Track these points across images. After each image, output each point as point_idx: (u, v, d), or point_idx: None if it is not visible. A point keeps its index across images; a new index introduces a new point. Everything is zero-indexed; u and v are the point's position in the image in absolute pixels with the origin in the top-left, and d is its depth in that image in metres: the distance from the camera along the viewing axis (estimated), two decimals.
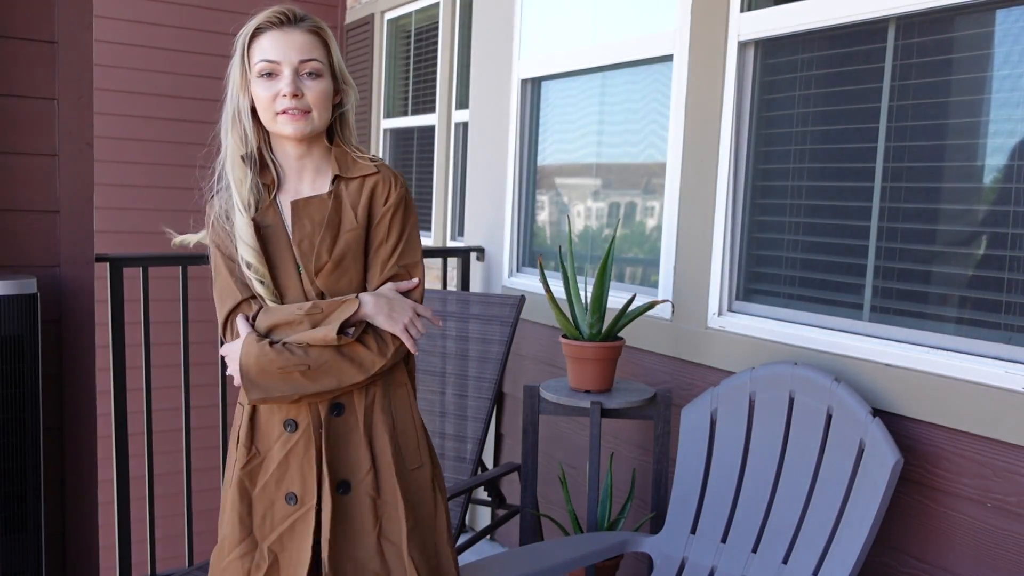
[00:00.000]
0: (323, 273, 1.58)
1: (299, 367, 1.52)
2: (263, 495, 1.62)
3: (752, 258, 2.49)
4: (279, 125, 1.56)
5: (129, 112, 5.07)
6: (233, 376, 1.58)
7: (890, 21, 2.08)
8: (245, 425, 1.63)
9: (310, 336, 1.53)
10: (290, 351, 1.53)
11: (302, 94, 1.54)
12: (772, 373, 2.16)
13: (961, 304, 1.97)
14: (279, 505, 1.61)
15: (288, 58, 1.54)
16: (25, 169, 2.27)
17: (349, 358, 1.55)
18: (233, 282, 1.59)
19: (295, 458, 1.59)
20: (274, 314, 1.56)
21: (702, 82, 2.53)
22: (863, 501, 1.88)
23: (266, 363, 1.52)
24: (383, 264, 1.62)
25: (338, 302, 1.56)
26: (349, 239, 1.59)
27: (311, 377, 1.53)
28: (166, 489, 3.21)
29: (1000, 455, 1.81)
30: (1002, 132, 1.88)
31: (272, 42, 1.55)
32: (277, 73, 1.55)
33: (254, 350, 1.53)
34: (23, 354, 2.15)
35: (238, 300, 1.58)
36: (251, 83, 1.57)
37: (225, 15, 5.59)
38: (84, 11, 2.32)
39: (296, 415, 1.59)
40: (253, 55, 1.57)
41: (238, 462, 1.63)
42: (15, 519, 2.17)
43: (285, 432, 1.60)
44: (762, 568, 2.02)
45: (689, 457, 2.26)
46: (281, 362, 1.52)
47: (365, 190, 1.61)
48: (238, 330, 1.57)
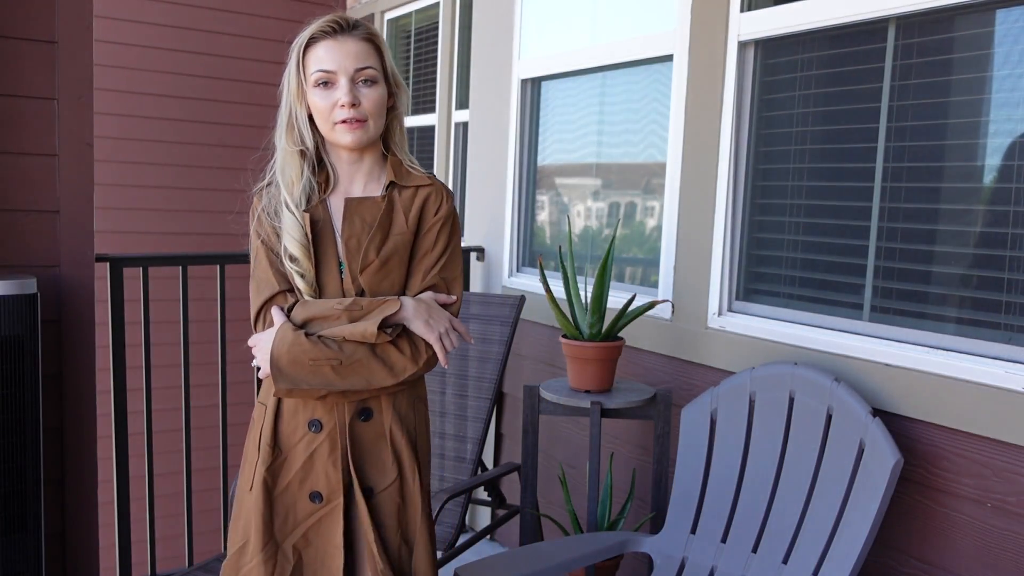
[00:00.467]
0: (368, 271, 1.60)
1: (331, 361, 1.53)
2: (285, 495, 1.62)
3: (752, 258, 2.49)
4: (337, 134, 1.59)
5: (129, 112, 5.07)
6: (260, 366, 1.58)
7: (890, 21, 2.08)
8: (269, 424, 1.62)
9: (349, 330, 1.54)
10: (324, 343, 1.53)
11: (359, 103, 1.56)
12: (772, 373, 2.16)
13: (961, 304, 1.97)
14: (302, 504, 1.61)
15: (344, 67, 1.56)
16: (25, 169, 2.27)
17: (381, 359, 1.56)
18: (272, 274, 1.60)
19: (319, 459, 1.60)
20: (312, 307, 1.57)
21: (702, 82, 2.53)
22: (863, 501, 1.88)
23: (298, 353, 1.52)
24: (426, 272, 1.64)
25: (379, 301, 1.57)
26: (398, 242, 1.62)
27: (341, 373, 1.54)
28: (166, 489, 3.21)
29: (1000, 455, 1.81)
30: (1002, 132, 1.88)
31: (327, 51, 1.56)
32: (333, 82, 1.56)
33: (288, 338, 1.53)
34: (23, 354, 2.15)
35: (275, 291, 1.59)
36: (307, 92, 1.59)
37: (225, 15, 5.63)
38: (84, 11, 2.32)
39: (322, 415, 1.60)
40: (308, 65, 1.58)
41: (261, 462, 1.62)
42: (15, 519, 2.17)
43: (309, 432, 1.60)
44: (762, 568, 2.02)
45: (689, 457, 2.26)
46: (314, 353, 1.52)
47: (417, 199, 1.64)
48: (272, 320, 1.58)
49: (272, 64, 5.55)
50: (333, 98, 1.56)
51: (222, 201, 5.38)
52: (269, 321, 1.58)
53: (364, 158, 1.65)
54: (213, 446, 2.99)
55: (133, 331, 2.62)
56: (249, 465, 1.65)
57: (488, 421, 2.95)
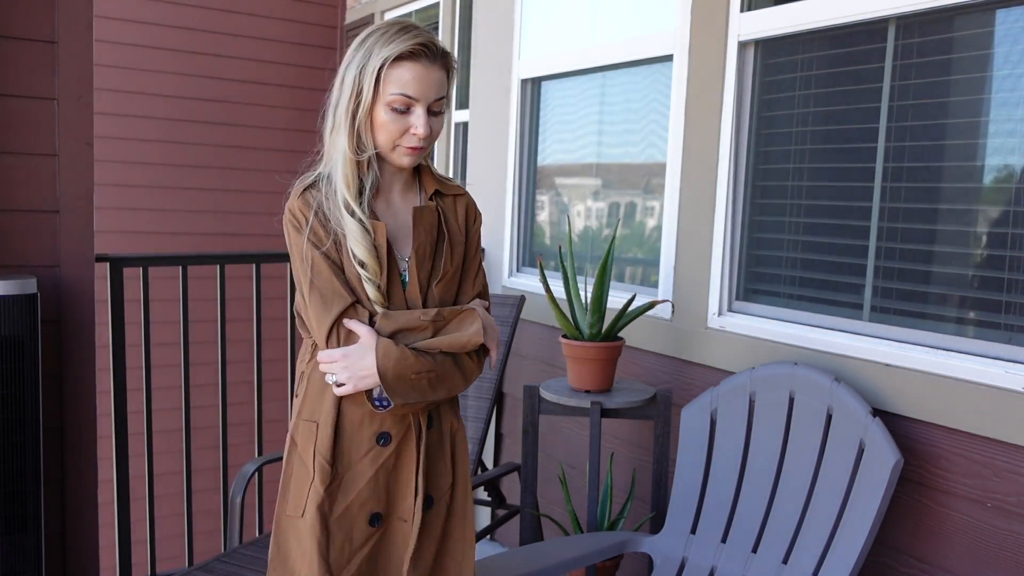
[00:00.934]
0: (444, 281, 1.58)
1: (429, 374, 1.50)
2: (343, 519, 1.52)
3: (752, 258, 2.49)
4: (396, 155, 1.54)
5: (129, 112, 5.07)
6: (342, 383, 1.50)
7: (890, 21, 2.08)
8: (327, 441, 1.52)
9: (447, 341, 1.52)
10: (425, 356, 1.50)
11: (430, 133, 1.53)
12: (772, 373, 2.16)
13: (961, 304, 1.97)
14: (359, 529, 1.53)
15: (426, 96, 1.50)
16: (25, 169, 2.27)
17: (460, 368, 1.55)
18: (339, 284, 1.50)
19: (384, 474, 1.53)
20: (398, 318, 1.51)
21: (702, 82, 2.53)
22: (863, 501, 1.87)
23: (404, 368, 1.47)
24: (472, 280, 1.64)
25: (457, 310, 1.56)
26: (460, 251, 1.62)
27: (433, 385, 1.51)
28: (166, 489, 3.21)
29: (1000, 455, 1.81)
30: (1002, 132, 1.88)
31: (414, 76, 1.49)
32: (410, 108, 1.50)
33: (393, 353, 1.47)
34: (23, 354, 2.15)
35: (347, 303, 1.50)
36: (378, 106, 1.51)
37: (226, 15, 5.62)
38: (84, 11, 2.32)
39: (391, 427, 1.54)
40: (389, 82, 1.49)
41: (318, 483, 1.51)
42: (15, 519, 2.17)
43: (376, 446, 1.53)
44: (762, 568, 2.02)
45: (689, 457, 2.26)
46: (417, 366, 1.48)
47: (459, 207, 1.64)
48: (354, 333, 1.49)
49: (272, 64, 5.58)
50: (406, 123, 1.50)
51: (222, 201, 5.39)
52: (345, 336, 1.49)
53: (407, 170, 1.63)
54: (213, 446, 3.00)
55: (133, 331, 2.63)
56: (297, 489, 1.54)
57: (488, 421, 2.95)
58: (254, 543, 2.33)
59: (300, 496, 1.53)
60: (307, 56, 5.61)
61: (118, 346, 2.63)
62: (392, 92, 1.49)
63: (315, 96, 5.83)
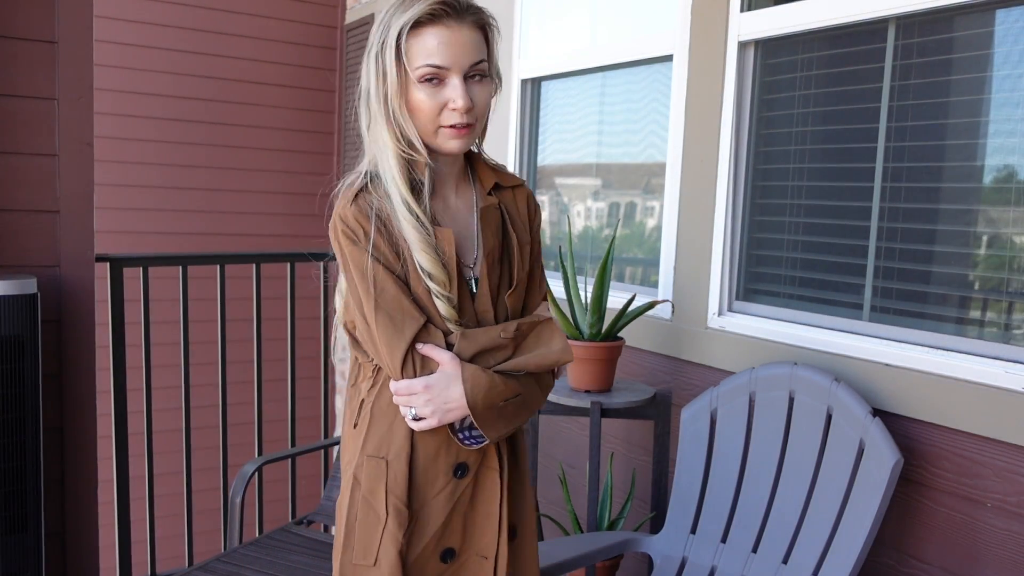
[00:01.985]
0: (517, 290, 1.40)
1: (518, 398, 1.33)
2: (419, 562, 1.37)
3: (752, 258, 2.49)
4: (440, 139, 1.34)
5: (129, 112, 5.07)
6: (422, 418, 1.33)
7: (890, 21, 2.08)
8: (400, 480, 1.35)
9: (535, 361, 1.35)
10: (512, 380, 1.33)
11: (472, 105, 1.31)
12: (772, 373, 2.16)
13: (961, 304, 1.97)
14: (432, 566, 1.37)
15: (458, 63, 1.29)
16: (25, 169, 2.27)
17: (542, 385, 1.39)
18: (408, 303, 1.31)
19: (460, 508, 1.37)
20: (478, 338, 1.33)
21: (702, 82, 2.53)
22: (863, 501, 1.87)
23: (495, 396, 1.30)
24: (538, 282, 1.46)
25: (534, 322, 1.38)
26: (528, 252, 1.44)
27: (518, 409, 1.34)
28: (166, 489, 3.21)
29: (1000, 455, 1.81)
30: (1002, 132, 1.88)
31: (440, 42, 1.29)
32: (443, 79, 1.30)
33: (483, 382, 1.30)
34: (23, 354, 2.15)
35: (420, 324, 1.31)
36: (409, 85, 1.31)
37: (226, 15, 5.61)
38: (84, 11, 2.32)
39: (468, 456, 1.37)
40: (413, 54, 1.30)
41: (393, 527, 1.34)
42: (15, 519, 2.17)
43: (454, 479, 1.36)
44: (762, 568, 2.02)
45: (689, 457, 2.26)
46: (508, 393, 1.32)
47: (519, 200, 1.45)
48: (432, 359, 1.31)
49: (273, 64, 5.58)
50: (442, 98, 1.30)
51: (222, 201, 5.39)
52: (423, 363, 1.31)
53: (458, 158, 1.42)
54: (213, 446, 3.00)
55: (133, 331, 2.63)
56: (365, 534, 1.36)
57: None
58: (254, 543, 2.33)
59: (370, 543, 1.36)
60: (307, 56, 5.61)
61: (118, 346, 2.63)
62: (418, 64, 1.29)
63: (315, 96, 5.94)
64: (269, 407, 3.16)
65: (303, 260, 3.31)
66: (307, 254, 3.43)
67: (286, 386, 3.16)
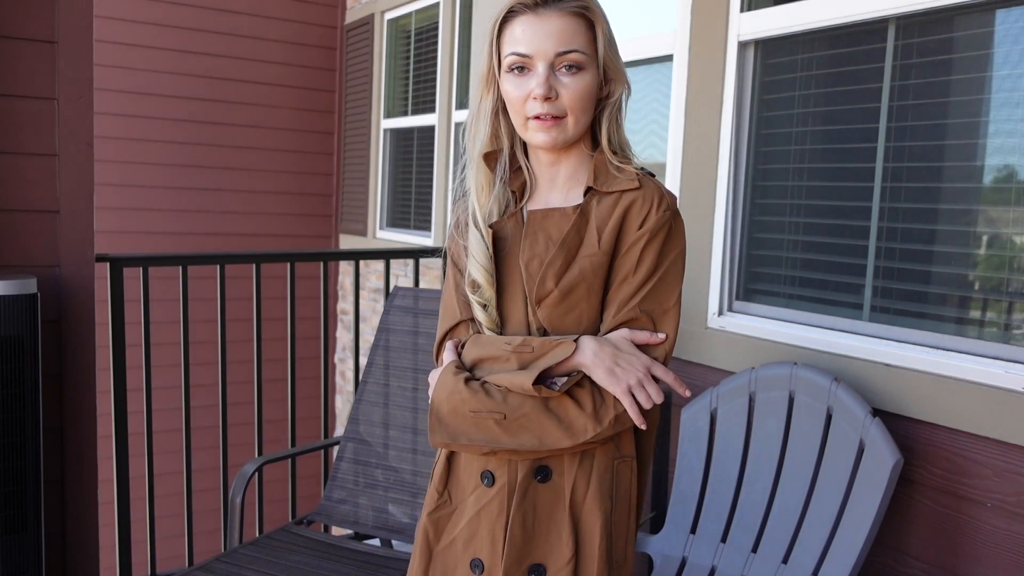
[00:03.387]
0: (546, 304, 1.30)
1: (493, 414, 1.26)
2: (447, 553, 1.36)
3: (752, 258, 2.49)
4: (529, 132, 1.31)
5: (129, 112, 5.07)
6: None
7: (890, 21, 2.08)
8: (442, 465, 1.38)
9: (506, 379, 1.26)
10: (487, 393, 1.27)
11: (556, 95, 1.27)
12: (772, 373, 2.16)
13: (961, 304, 1.98)
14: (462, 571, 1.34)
15: (542, 50, 1.26)
16: (25, 169, 2.27)
17: (556, 416, 1.25)
18: (456, 299, 1.36)
19: (487, 518, 1.32)
20: (482, 346, 1.31)
21: (702, 82, 2.53)
22: (863, 501, 1.88)
23: (458, 402, 1.27)
24: (622, 304, 1.29)
25: (552, 342, 1.27)
26: (585, 266, 1.29)
27: (507, 429, 1.26)
28: (166, 489, 3.22)
29: (1000, 455, 1.81)
30: (1002, 132, 1.88)
31: (524, 30, 1.27)
32: (529, 68, 1.27)
33: (448, 384, 1.29)
34: (23, 354, 2.15)
35: (455, 321, 1.36)
36: (500, 78, 1.31)
37: (226, 15, 5.62)
38: (84, 11, 2.32)
39: (495, 468, 1.32)
40: (503, 45, 1.29)
41: (426, 505, 1.39)
42: (15, 519, 2.17)
43: (481, 485, 1.33)
44: (762, 568, 2.02)
45: (689, 457, 2.26)
46: (474, 404, 1.26)
47: (619, 208, 1.30)
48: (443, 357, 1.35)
49: (273, 64, 5.58)
50: (526, 87, 1.27)
51: (222, 201, 5.40)
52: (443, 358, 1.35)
53: (566, 158, 1.35)
54: (213, 446, 3.00)
55: (133, 331, 2.63)
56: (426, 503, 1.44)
57: None
58: (254, 543, 2.33)
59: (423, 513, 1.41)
60: (307, 56, 5.61)
61: (118, 346, 2.63)
62: (506, 53, 1.28)
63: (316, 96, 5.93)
64: (269, 407, 3.16)
65: (303, 260, 3.31)
66: (307, 254, 3.43)
67: (286, 386, 3.16)
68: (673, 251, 1.30)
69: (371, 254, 3.56)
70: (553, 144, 1.30)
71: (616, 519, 1.31)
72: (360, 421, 2.60)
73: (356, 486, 2.54)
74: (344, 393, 5.75)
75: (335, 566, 2.22)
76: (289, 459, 2.92)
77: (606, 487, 1.30)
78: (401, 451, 2.53)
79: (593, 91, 1.30)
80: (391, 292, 2.72)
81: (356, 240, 5.62)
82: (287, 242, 5.61)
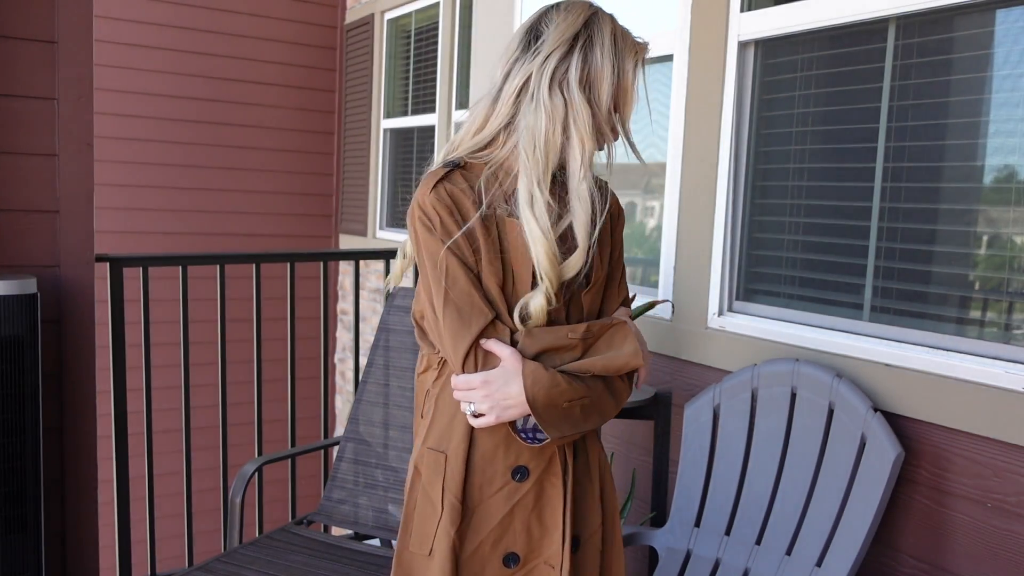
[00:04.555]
0: (593, 290, 1.36)
1: (582, 400, 1.29)
2: (473, 560, 1.35)
3: (752, 258, 2.49)
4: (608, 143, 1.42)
5: (129, 112, 5.07)
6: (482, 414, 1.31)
7: (890, 21, 2.08)
8: (457, 476, 1.34)
9: (603, 363, 1.30)
10: (579, 381, 1.30)
11: None
12: (774, 370, 2.17)
13: (961, 304, 1.98)
14: (492, 569, 1.35)
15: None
16: (25, 169, 2.27)
17: (612, 392, 1.34)
18: (479, 297, 1.30)
19: (521, 512, 1.34)
20: (543, 337, 1.30)
21: (702, 82, 2.53)
22: (865, 494, 1.88)
23: (556, 395, 1.27)
24: (619, 287, 1.43)
25: (607, 325, 1.34)
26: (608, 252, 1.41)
27: (586, 413, 1.31)
28: (166, 489, 3.22)
29: (1000, 455, 1.82)
30: (1002, 132, 1.89)
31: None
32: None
33: (544, 379, 1.27)
34: (23, 354, 2.15)
35: (488, 320, 1.30)
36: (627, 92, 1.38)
37: (226, 15, 5.62)
38: (84, 11, 2.32)
39: (528, 460, 1.34)
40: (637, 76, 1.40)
41: (447, 522, 1.34)
42: (15, 519, 2.17)
43: (512, 482, 1.34)
44: (766, 559, 2.03)
45: (693, 452, 2.27)
46: (570, 394, 1.28)
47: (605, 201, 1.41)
48: (494, 354, 1.29)
49: (273, 64, 5.58)
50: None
51: (222, 201, 5.40)
52: (483, 357, 1.30)
53: None
54: (213, 446, 3.00)
55: (133, 331, 2.63)
56: (421, 524, 1.38)
57: None
58: (254, 543, 2.33)
59: (426, 533, 1.37)
60: (307, 56, 5.61)
61: (118, 346, 2.63)
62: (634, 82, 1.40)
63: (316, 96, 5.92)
64: (269, 407, 3.16)
65: (303, 260, 3.31)
66: (307, 254, 3.43)
67: (286, 386, 3.16)
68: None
69: (371, 254, 3.56)
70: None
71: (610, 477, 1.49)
72: (360, 421, 2.60)
73: (356, 486, 2.54)
74: (344, 393, 5.75)
75: (335, 566, 2.22)
76: (289, 459, 2.92)
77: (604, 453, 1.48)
78: (401, 451, 2.53)
79: None
80: (391, 292, 2.72)
81: (356, 240, 5.62)
82: (287, 242, 5.61)
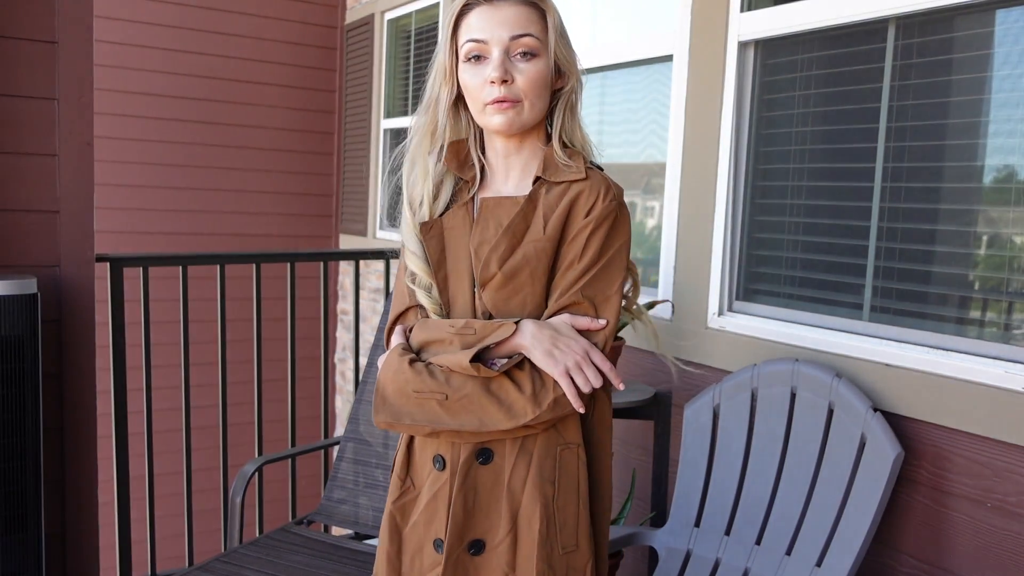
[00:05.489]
0: (490, 287, 1.34)
1: (436, 395, 1.29)
2: (413, 534, 1.41)
3: (752, 258, 2.49)
4: (486, 117, 1.34)
5: (129, 112, 5.07)
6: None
7: (890, 21, 2.08)
8: (402, 453, 1.43)
9: (448, 359, 1.30)
10: (430, 374, 1.31)
11: (512, 79, 1.31)
12: (774, 369, 2.17)
13: (961, 304, 1.98)
14: (428, 550, 1.38)
15: (497, 36, 1.31)
16: (25, 169, 2.27)
17: (496, 397, 1.29)
18: (405, 288, 1.41)
19: (442, 500, 1.36)
20: (428, 329, 1.35)
21: (702, 82, 2.53)
22: (864, 494, 1.88)
23: (402, 383, 1.31)
24: (564, 289, 1.33)
25: (494, 324, 1.30)
26: (529, 251, 1.33)
27: (449, 410, 1.29)
28: (166, 489, 3.21)
29: (1000, 455, 1.82)
30: (1002, 132, 1.89)
31: (480, 18, 1.32)
32: (485, 55, 1.32)
33: (393, 365, 1.33)
34: (23, 354, 2.15)
35: (404, 307, 1.41)
36: (459, 68, 1.35)
37: (226, 15, 5.61)
38: (84, 11, 2.32)
39: (445, 452, 1.36)
40: (460, 35, 1.34)
41: (391, 494, 1.44)
42: (15, 519, 2.17)
43: (435, 469, 1.38)
44: (766, 559, 2.03)
45: (692, 451, 2.27)
46: (418, 384, 1.30)
47: (566, 198, 1.35)
48: (392, 340, 1.40)
49: (273, 64, 5.57)
50: (483, 74, 1.31)
51: (222, 201, 5.39)
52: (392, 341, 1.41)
53: (521, 148, 1.40)
54: (213, 446, 3.00)
55: (133, 331, 2.63)
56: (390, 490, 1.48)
57: None
58: (254, 543, 2.33)
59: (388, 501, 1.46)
60: (307, 56, 5.61)
61: (118, 346, 2.63)
62: (463, 42, 1.34)
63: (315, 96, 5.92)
64: (269, 407, 3.16)
65: (303, 260, 3.31)
66: (307, 254, 3.43)
67: (286, 386, 3.16)
68: (618, 241, 1.35)
69: (371, 254, 3.56)
70: (509, 127, 1.34)
71: (560, 505, 1.34)
72: (360, 421, 2.60)
73: (356, 486, 2.54)
74: (344, 393, 5.75)
75: (335, 566, 2.22)
76: (289, 459, 2.92)
77: (547, 473, 1.33)
78: None
79: (547, 78, 1.35)
80: (391, 292, 2.72)
81: (356, 240, 5.62)
82: (287, 242, 5.61)
